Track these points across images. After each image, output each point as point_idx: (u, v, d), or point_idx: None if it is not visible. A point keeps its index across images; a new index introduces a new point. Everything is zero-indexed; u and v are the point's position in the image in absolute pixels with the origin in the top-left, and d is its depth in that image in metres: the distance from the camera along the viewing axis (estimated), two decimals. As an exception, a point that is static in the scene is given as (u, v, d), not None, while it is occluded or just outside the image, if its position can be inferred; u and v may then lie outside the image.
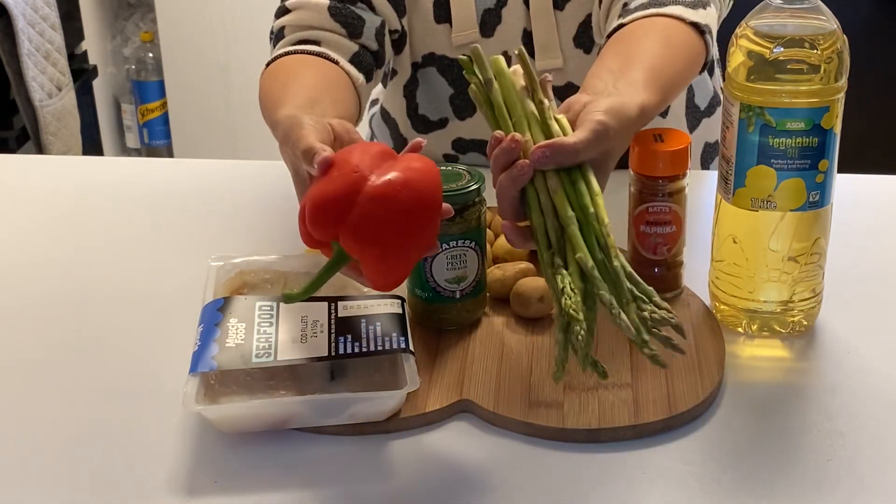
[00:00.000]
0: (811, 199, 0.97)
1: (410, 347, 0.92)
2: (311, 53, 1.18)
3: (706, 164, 1.44)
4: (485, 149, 0.92)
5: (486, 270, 1.04)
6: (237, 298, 0.97)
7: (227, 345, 0.91)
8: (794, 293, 1.00)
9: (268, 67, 1.17)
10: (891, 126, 2.32)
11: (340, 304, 0.97)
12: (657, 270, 1.05)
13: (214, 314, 0.95)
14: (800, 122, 0.94)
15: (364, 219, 0.84)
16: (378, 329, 0.94)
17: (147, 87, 3.16)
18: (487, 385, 0.95)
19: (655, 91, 0.97)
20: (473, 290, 1.02)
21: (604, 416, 0.91)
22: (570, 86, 1.30)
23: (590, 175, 0.89)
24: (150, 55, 3.14)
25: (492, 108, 0.93)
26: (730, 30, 1.00)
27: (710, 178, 1.26)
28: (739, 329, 1.03)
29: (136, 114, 3.19)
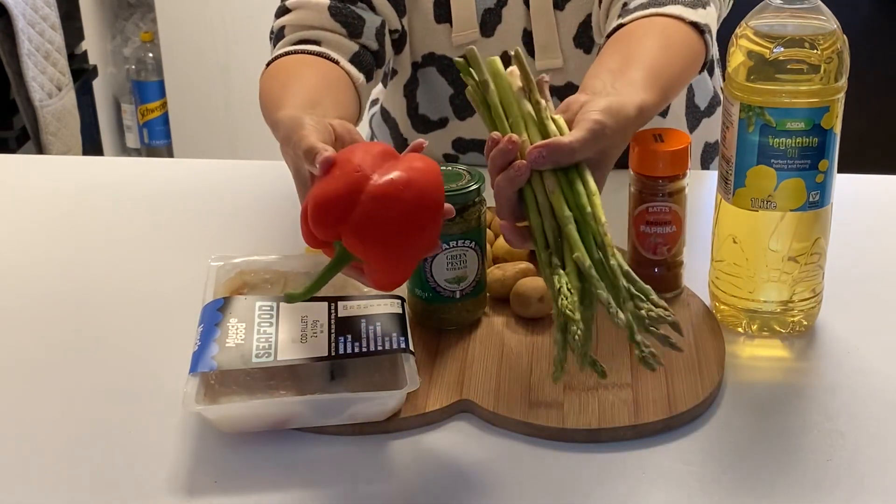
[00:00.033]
0: (811, 199, 0.97)
1: (410, 347, 0.92)
2: (312, 53, 1.18)
3: (706, 164, 1.44)
4: (484, 149, 0.92)
5: (486, 270, 1.04)
6: (237, 298, 0.97)
7: (227, 345, 0.91)
8: (794, 293, 1.00)
9: (268, 67, 1.17)
10: (891, 126, 2.32)
11: (340, 304, 0.97)
12: (657, 270, 1.05)
13: (214, 314, 0.95)
14: (800, 122, 0.94)
15: (367, 218, 0.84)
16: (378, 329, 0.94)
17: (147, 87, 3.16)
18: (487, 385, 0.95)
19: (655, 90, 0.97)
20: (473, 290, 1.02)
21: (604, 416, 0.91)
22: (570, 86, 1.30)
23: (587, 175, 0.89)
24: (150, 55, 3.14)
25: (488, 110, 0.93)
26: (730, 30, 1.00)
27: (710, 178, 1.26)
28: (739, 329, 1.03)
29: (136, 114, 3.19)
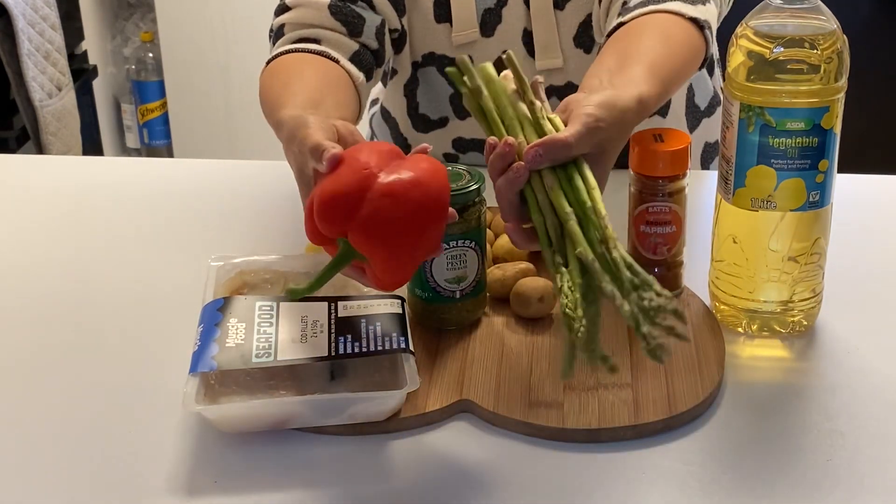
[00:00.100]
0: (811, 199, 0.97)
1: (410, 347, 0.92)
2: (312, 52, 1.18)
3: (706, 164, 1.44)
4: (484, 154, 0.92)
5: (486, 270, 1.04)
6: (237, 298, 0.97)
7: (227, 345, 0.91)
8: (794, 293, 1.00)
9: (268, 65, 1.17)
10: (891, 126, 2.32)
11: (340, 304, 0.97)
12: (657, 270, 1.05)
13: (214, 314, 0.95)
14: (800, 122, 0.94)
15: (375, 215, 0.84)
16: (378, 329, 0.94)
17: (147, 87, 3.16)
18: (487, 385, 0.95)
19: (654, 83, 0.97)
20: (473, 290, 1.02)
21: (604, 416, 0.91)
22: (570, 85, 1.30)
23: (585, 169, 0.89)
24: (150, 55, 3.14)
25: (484, 116, 0.93)
26: (730, 30, 1.00)
27: (710, 178, 1.26)
28: (739, 329, 1.03)
29: (136, 114, 3.19)
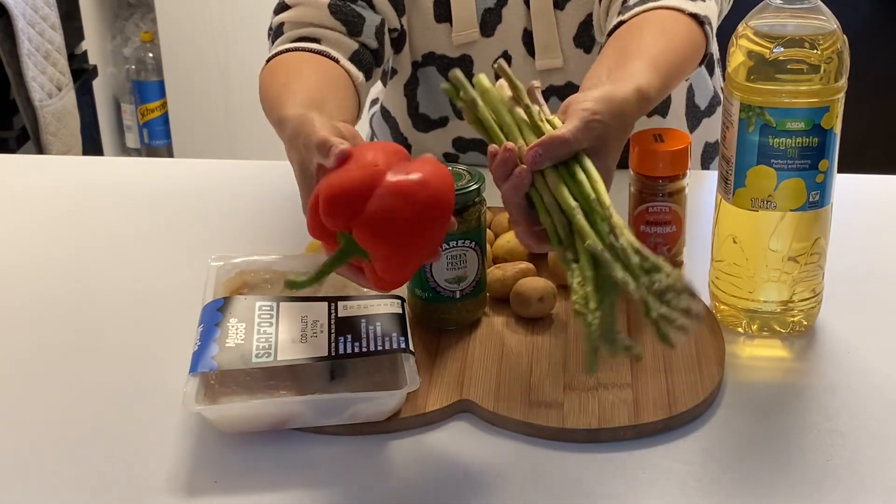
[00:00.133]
0: (811, 199, 0.97)
1: (410, 347, 0.92)
2: (312, 51, 1.18)
3: (706, 164, 1.44)
4: (485, 148, 0.92)
5: (486, 270, 1.04)
6: (237, 298, 0.97)
7: (227, 345, 0.91)
8: (794, 293, 1.00)
9: (268, 64, 1.17)
10: (891, 126, 2.32)
11: (340, 304, 0.97)
12: (657, 270, 1.05)
13: (214, 314, 0.95)
14: (800, 122, 0.94)
15: (382, 211, 0.84)
16: (378, 329, 0.94)
17: (147, 87, 3.16)
18: (487, 385, 0.95)
19: (654, 75, 0.96)
20: (473, 290, 1.02)
21: (604, 416, 0.91)
22: (571, 85, 1.30)
23: (587, 163, 0.88)
24: (150, 55, 3.14)
25: (483, 127, 0.93)
26: (730, 30, 1.00)
27: (710, 178, 1.26)
28: (739, 329, 1.03)
29: (136, 114, 3.19)
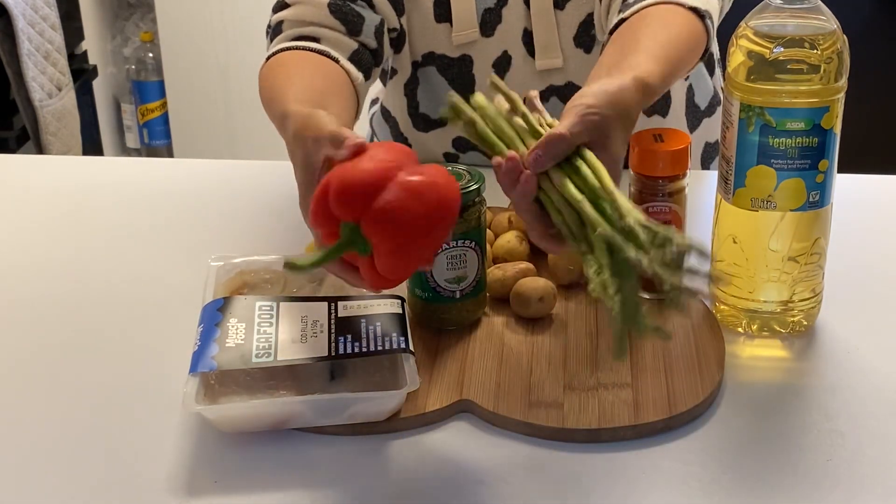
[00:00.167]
0: (811, 199, 0.97)
1: (410, 347, 0.92)
2: (312, 51, 1.18)
3: (706, 164, 1.44)
4: (495, 175, 0.91)
5: (487, 270, 1.04)
6: (237, 298, 0.97)
7: (227, 345, 0.91)
8: (794, 293, 1.00)
9: (268, 62, 1.16)
10: (891, 126, 2.32)
11: (340, 304, 0.97)
12: (657, 270, 1.05)
13: (214, 314, 0.95)
14: (800, 122, 0.94)
15: (395, 205, 0.83)
16: (378, 329, 0.94)
17: (147, 87, 3.16)
18: (487, 385, 0.95)
19: (654, 64, 0.96)
20: (473, 290, 1.02)
21: (604, 416, 0.90)
22: (571, 85, 1.30)
23: (588, 155, 0.88)
24: (150, 55, 3.14)
25: (486, 142, 0.93)
26: (730, 30, 1.00)
27: (710, 178, 1.26)
28: (739, 329, 1.03)
29: (136, 114, 3.19)
